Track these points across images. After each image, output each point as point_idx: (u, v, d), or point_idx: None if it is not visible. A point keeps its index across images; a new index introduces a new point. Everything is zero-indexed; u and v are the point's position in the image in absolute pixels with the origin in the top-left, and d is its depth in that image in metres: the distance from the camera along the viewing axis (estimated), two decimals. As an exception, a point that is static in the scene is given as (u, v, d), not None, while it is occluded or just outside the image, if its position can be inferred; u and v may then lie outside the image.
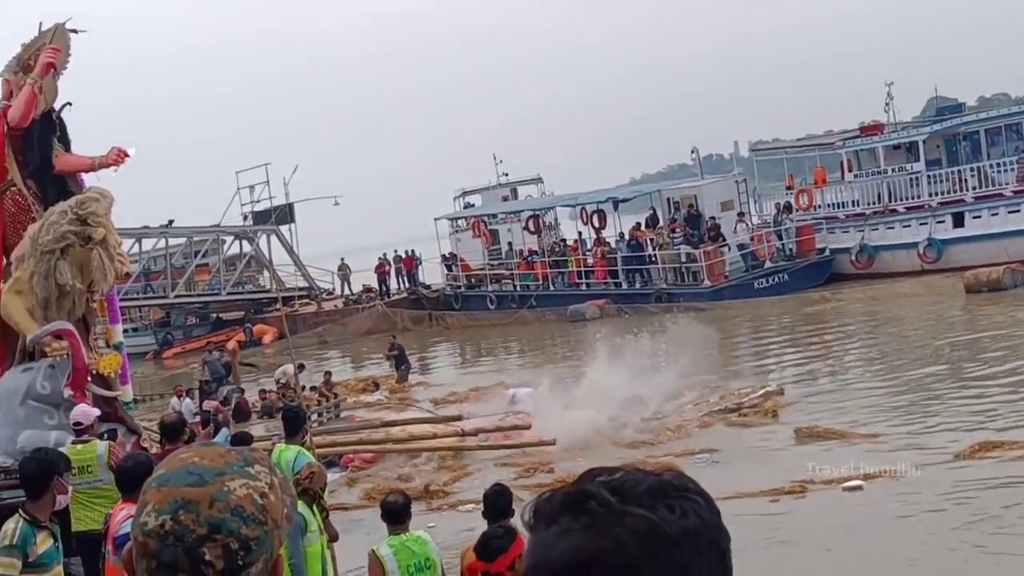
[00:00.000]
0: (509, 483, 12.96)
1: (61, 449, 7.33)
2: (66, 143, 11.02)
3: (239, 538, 1.35)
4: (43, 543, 5.62)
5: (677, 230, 33.74)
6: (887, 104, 34.92)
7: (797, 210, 33.64)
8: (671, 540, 1.02)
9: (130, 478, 5.58)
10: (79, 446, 7.99)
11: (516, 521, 5.34)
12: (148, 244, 41.26)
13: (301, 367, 17.57)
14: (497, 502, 6.12)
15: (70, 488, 6.18)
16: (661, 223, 34.46)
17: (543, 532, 1.06)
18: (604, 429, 15.10)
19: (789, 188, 35.44)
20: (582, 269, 35.35)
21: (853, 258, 31.57)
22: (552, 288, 35.54)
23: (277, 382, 22.12)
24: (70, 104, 11.31)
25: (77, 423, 8.38)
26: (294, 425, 8.18)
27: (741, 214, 33.74)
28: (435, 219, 42.52)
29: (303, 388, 18.67)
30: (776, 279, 31.41)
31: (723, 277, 31.78)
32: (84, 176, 11.05)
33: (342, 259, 44.55)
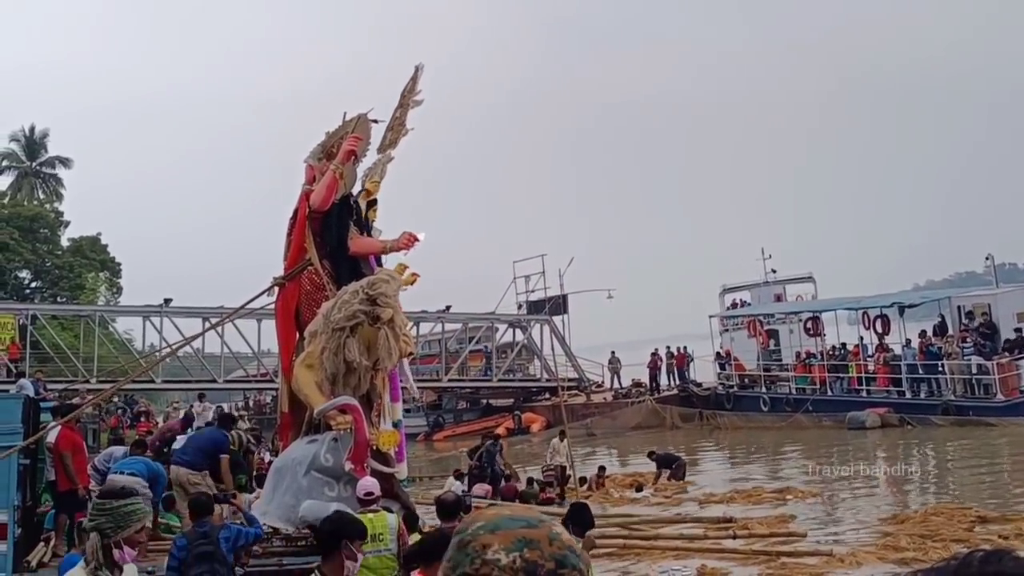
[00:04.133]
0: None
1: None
2: (361, 226, 11.47)
3: (581, 573, 1.46)
4: None
5: (968, 339, 31.65)
6: None
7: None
8: None
9: (435, 547, 5.66)
10: (371, 515, 8.16)
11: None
12: (425, 328, 42.79)
13: (563, 434, 17.64)
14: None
15: (359, 556, 6.26)
16: (951, 331, 32.47)
17: None
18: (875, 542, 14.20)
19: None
20: (863, 375, 33.73)
21: None
22: (830, 393, 34.10)
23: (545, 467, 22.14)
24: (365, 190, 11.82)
25: (368, 493, 8.55)
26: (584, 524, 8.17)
27: (1038, 325, 31.25)
28: (709, 317, 41.97)
29: (582, 481, 18.65)
30: (1077, 397, 28.68)
31: (1018, 392, 29.34)
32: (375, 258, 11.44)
33: (613, 352, 44.64)
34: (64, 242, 57.21)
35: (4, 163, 62.35)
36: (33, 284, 55.95)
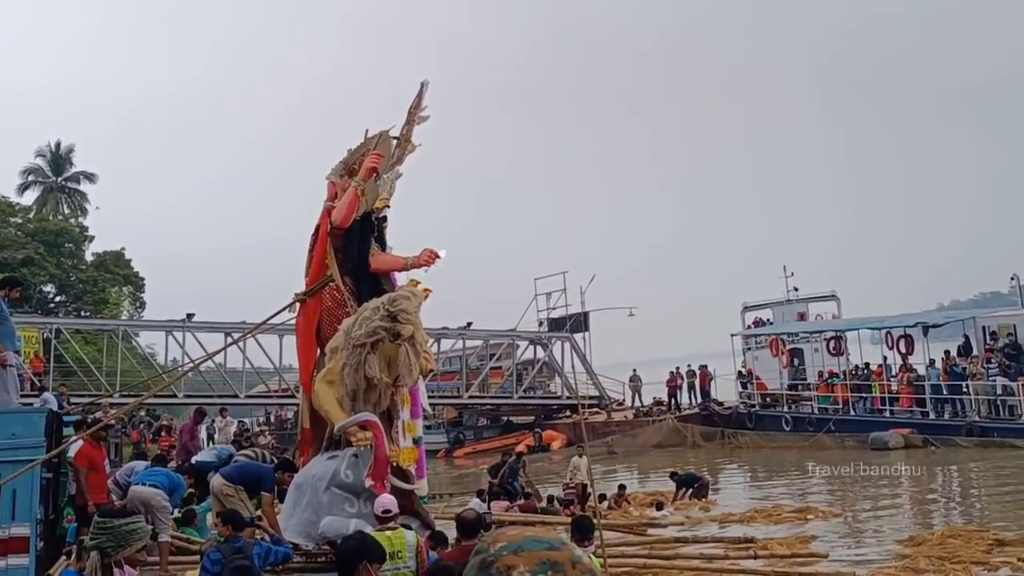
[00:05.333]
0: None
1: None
2: (382, 243, 11.49)
3: None
4: None
5: (993, 360, 31.37)
6: None
7: None
8: None
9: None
10: (389, 532, 8.17)
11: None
12: (446, 344, 42.78)
13: (581, 450, 17.59)
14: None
15: None
16: (975, 352, 32.18)
17: None
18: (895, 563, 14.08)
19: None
20: (886, 395, 33.49)
21: None
22: (852, 413, 33.87)
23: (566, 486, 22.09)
24: (388, 207, 11.83)
25: (386, 511, 8.55)
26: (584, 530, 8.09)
27: (1065, 346, 30.97)
28: (731, 335, 41.78)
29: (601, 498, 18.58)
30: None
31: (1043, 413, 29.07)
32: (396, 275, 11.45)
33: (634, 370, 44.53)
34: (88, 257, 57.63)
35: (30, 178, 62.95)
36: (57, 298, 56.33)
